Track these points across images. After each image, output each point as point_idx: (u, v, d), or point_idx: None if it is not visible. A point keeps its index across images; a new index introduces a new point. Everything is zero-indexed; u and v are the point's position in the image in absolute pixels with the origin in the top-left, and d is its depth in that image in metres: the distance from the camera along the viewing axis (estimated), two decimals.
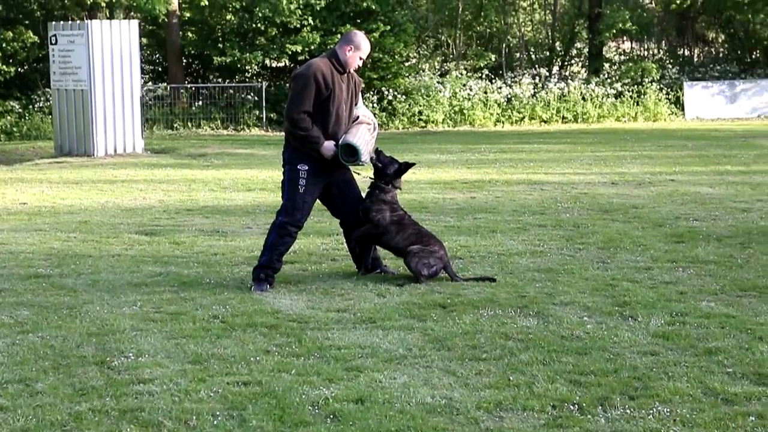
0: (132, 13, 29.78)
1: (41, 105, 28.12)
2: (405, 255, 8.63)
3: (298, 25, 29.14)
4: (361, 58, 8.50)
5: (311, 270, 9.13)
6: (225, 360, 6.35)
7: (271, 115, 29.35)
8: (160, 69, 32.67)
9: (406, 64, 32.72)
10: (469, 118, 30.77)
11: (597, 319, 7.27)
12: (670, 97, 32.70)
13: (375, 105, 29.61)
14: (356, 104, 8.70)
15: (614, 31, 34.48)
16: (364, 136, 8.52)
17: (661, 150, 21.40)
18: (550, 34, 37.74)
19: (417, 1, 35.68)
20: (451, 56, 35.15)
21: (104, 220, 12.31)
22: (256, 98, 29.56)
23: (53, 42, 21.79)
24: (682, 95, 32.75)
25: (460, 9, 34.57)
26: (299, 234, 8.71)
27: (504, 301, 7.82)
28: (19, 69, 29.03)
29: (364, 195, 8.86)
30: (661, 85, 32.88)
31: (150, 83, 30.19)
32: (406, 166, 8.94)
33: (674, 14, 36.65)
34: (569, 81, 32.70)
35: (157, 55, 33.02)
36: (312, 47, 28.34)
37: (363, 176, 9.01)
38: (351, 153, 8.44)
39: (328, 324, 7.22)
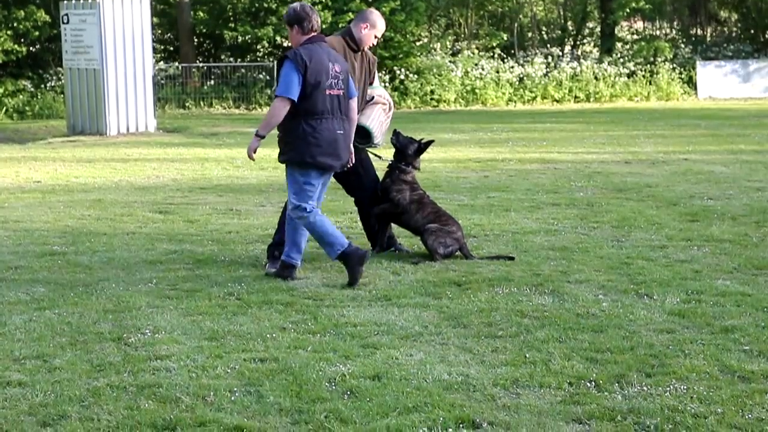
0: None
1: (53, 84, 28.16)
2: (422, 233, 8.62)
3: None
4: (375, 36, 8.47)
5: None
6: (241, 337, 6.36)
7: None
8: (171, 48, 32.67)
9: (418, 43, 32.65)
10: (482, 97, 30.71)
11: (612, 297, 7.27)
12: (683, 76, 32.57)
13: (387, 84, 29.56)
14: (371, 83, 8.66)
15: (627, 10, 34.33)
16: (378, 117, 8.49)
17: (674, 129, 21.34)
18: (562, 13, 37.62)
19: None
20: (463, 36, 35.04)
21: (118, 198, 12.33)
22: (267, 77, 29.53)
23: (65, 21, 21.77)
24: (695, 75, 32.64)
25: None
26: None
27: (519, 279, 7.81)
28: (31, 48, 29.07)
29: (381, 176, 8.84)
30: (674, 65, 32.76)
31: (162, 62, 30.18)
32: (426, 144, 8.92)
33: None
34: (582, 60, 32.61)
35: (169, 35, 33.02)
36: (323, 26, 28.23)
37: (384, 158, 8.99)
38: (364, 135, 8.42)
39: (343, 301, 7.23)
